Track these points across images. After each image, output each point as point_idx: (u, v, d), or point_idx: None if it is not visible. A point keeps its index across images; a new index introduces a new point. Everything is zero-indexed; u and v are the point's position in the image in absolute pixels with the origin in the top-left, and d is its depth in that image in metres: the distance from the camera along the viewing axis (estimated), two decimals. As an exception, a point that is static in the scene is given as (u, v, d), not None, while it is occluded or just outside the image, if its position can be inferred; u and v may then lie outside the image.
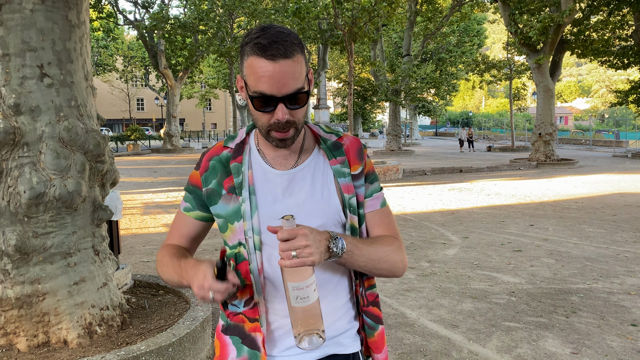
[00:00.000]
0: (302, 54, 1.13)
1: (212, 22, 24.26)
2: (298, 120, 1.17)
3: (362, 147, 1.33)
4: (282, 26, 1.15)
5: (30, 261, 2.95)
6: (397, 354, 3.55)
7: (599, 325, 4.01)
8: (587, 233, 7.42)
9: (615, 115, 50.43)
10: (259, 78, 1.10)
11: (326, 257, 1.12)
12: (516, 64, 30.34)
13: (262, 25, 1.15)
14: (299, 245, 1.06)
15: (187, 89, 45.13)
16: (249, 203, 1.22)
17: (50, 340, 3.03)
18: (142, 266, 5.93)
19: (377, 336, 1.33)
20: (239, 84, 1.20)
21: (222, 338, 1.30)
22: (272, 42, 1.09)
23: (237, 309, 1.26)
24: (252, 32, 1.13)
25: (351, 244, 1.18)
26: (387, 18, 17.51)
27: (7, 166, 2.91)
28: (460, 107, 78.62)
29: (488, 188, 12.91)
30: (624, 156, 23.69)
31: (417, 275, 5.42)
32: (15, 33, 2.89)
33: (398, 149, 26.37)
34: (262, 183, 1.25)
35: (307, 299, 1.09)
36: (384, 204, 1.33)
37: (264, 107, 1.13)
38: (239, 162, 1.26)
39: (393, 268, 1.27)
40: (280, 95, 1.11)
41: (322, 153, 1.30)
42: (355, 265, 1.21)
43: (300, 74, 1.12)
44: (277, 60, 1.08)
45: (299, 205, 1.23)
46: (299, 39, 1.14)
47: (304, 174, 1.26)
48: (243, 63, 1.14)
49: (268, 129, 1.17)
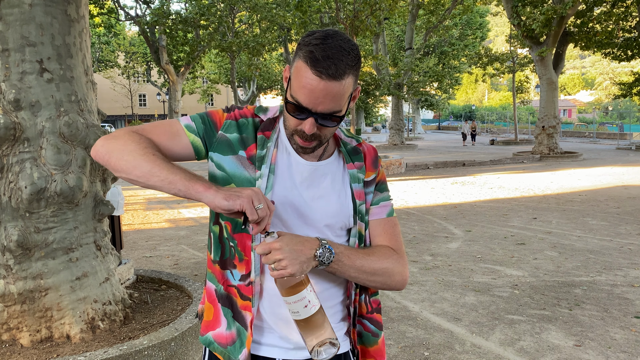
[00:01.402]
0: (353, 75, 1.10)
1: (214, 17, 24.16)
2: (324, 136, 1.17)
3: (377, 156, 1.34)
4: (347, 39, 1.10)
5: (32, 256, 2.95)
6: (399, 347, 3.55)
7: (602, 318, 4.00)
8: (590, 226, 7.40)
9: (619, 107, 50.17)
10: (301, 87, 1.08)
11: (312, 265, 1.12)
12: (519, 57, 30.17)
13: (327, 32, 1.10)
14: (273, 259, 1.07)
15: (189, 84, 45.07)
16: (265, 180, 1.19)
17: (53, 335, 3.03)
18: (145, 261, 5.94)
19: (380, 343, 1.33)
20: (285, 73, 1.18)
21: (217, 305, 1.27)
22: (327, 57, 1.05)
23: (232, 280, 1.24)
24: (315, 34, 1.10)
25: (342, 253, 1.17)
26: (389, 11, 17.41)
27: (8, 162, 2.90)
28: (463, 101, 78.39)
29: (491, 181, 12.88)
30: (627, 148, 23.58)
31: (420, 269, 5.41)
32: (14, 28, 2.88)
33: (401, 143, 26.32)
34: (284, 166, 1.23)
35: (300, 313, 1.10)
36: (390, 214, 1.32)
37: (296, 114, 1.13)
38: (267, 137, 1.23)
39: (389, 281, 1.25)
40: (314, 111, 1.10)
41: (341, 156, 1.30)
42: (346, 275, 1.20)
43: (342, 97, 1.10)
44: (324, 79, 1.06)
45: (314, 200, 1.23)
46: (357, 58, 1.10)
47: (326, 170, 1.26)
48: (295, 60, 1.12)
49: (293, 132, 1.17)
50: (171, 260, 5.96)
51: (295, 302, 1.10)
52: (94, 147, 1.16)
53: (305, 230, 1.22)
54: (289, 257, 1.08)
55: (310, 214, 1.22)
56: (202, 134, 1.23)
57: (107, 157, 1.13)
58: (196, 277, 5.19)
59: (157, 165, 1.07)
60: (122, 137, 1.14)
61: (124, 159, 1.09)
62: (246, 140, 1.23)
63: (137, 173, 1.08)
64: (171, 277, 4.20)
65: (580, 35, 20.58)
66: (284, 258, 1.07)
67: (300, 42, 1.11)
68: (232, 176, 1.21)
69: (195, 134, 1.22)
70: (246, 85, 40.54)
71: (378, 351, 1.32)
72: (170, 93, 27.31)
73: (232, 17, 27.67)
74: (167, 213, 9.23)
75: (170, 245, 6.71)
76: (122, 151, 1.10)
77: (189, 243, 6.83)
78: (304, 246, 1.11)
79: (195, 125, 1.23)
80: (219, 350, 1.25)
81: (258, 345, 1.25)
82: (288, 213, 1.21)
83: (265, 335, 1.24)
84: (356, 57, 1.10)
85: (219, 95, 58.66)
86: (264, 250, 1.08)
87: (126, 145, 1.11)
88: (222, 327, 1.25)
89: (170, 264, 5.79)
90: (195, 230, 7.66)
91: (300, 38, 1.13)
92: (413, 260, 5.76)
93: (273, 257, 1.08)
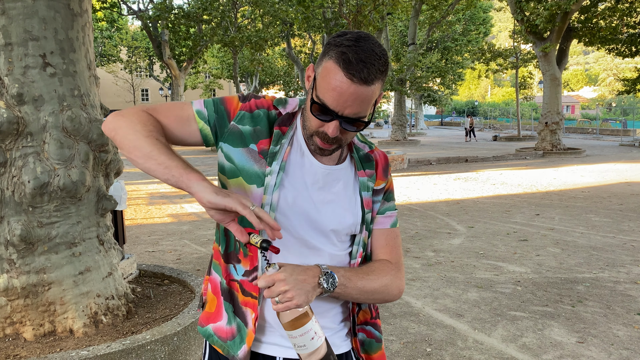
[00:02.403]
0: (381, 81, 1.08)
1: (216, 11, 24.10)
2: (345, 139, 1.15)
3: (388, 164, 1.32)
4: (378, 43, 1.08)
5: (35, 251, 2.95)
6: (402, 343, 3.55)
7: (605, 315, 3.99)
8: (593, 222, 7.38)
9: (622, 103, 50.00)
10: (330, 89, 1.06)
11: (317, 293, 1.10)
12: (522, 53, 30.06)
13: (359, 34, 1.08)
14: (278, 291, 1.04)
15: (192, 79, 45.03)
16: (275, 177, 1.16)
17: (56, 329, 3.04)
18: (148, 256, 5.95)
19: (382, 348, 1.33)
20: (308, 72, 1.15)
21: (220, 298, 1.26)
22: (360, 60, 1.03)
23: (235, 274, 1.23)
24: (347, 36, 1.07)
25: (344, 277, 1.15)
26: (392, 6, 17.35)
27: (11, 156, 2.90)
28: (466, 97, 78.17)
29: (494, 177, 12.85)
30: (631, 145, 23.51)
31: (422, 265, 5.41)
32: (17, 22, 2.87)
33: (403, 139, 26.27)
34: (297, 165, 1.20)
35: (307, 346, 1.06)
36: (394, 225, 1.31)
37: (320, 115, 1.10)
38: (283, 133, 1.20)
39: (387, 297, 1.25)
40: (341, 114, 1.08)
41: (353, 162, 1.28)
42: (349, 297, 1.19)
43: (369, 102, 1.08)
44: (355, 82, 1.04)
45: (324, 204, 1.21)
46: (387, 63, 1.08)
47: (339, 176, 1.24)
48: (323, 59, 1.09)
49: (314, 133, 1.15)
50: (174, 255, 5.97)
51: (301, 336, 1.06)
52: (106, 120, 1.16)
53: (311, 232, 1.20)
54: (294, 287, 1.05)
55: (318, 217, 1.20)
56: (212, 122, 1.20)
57: (114, 132, 1.12)
58: (199, 272, 5.20)
59: (158, 148, 1.06)
60: (132, 116, 1.13)
61: (127, 137, 1.09)
62: (259, 133, 1.19)
63: (137, 153, 1.07)
64: (174, 272, 4.20)
65: (584, 31, 20.48)
66: (290, 289, 1.04)
67: (331, 41, 1.08)
68: (240, 169, 1.18)
69: (206, 121, 1.20)
70: (249, 80, 40.49)
71: (382, 357, 1.32)
72: (173, 88, 27.28)
73: (235, 12, 27.60)
74: (170, 208, 9.24)
75: (173, 240, 6.73)
76: (128, 129, 1.10)
77: (192, 238, 6.84)
78: (307, 275, 1.09)
79: (207, 112, 1.20)
80: (219, 344, 1.24)
81: (258, 343, 1.23)
82: (295, 214, 1.19)
83: (267, 333, 1.23)
84: (386, 63, 1.08)
85: (221, 90, 58.58)
86: (267, 282, 1.05)
87: (133, 124, 1.10)
88: (223, 321, 1.24)
89: (172, 259, 5.80)
90: (197, 225, 7.67)
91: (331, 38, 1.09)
92: (415, 256, 5.76)
93: (277, 289, 1.04)
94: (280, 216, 1.18)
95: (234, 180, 1.19)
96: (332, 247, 1.23)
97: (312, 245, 1.20)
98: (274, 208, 1.17)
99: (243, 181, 1.18)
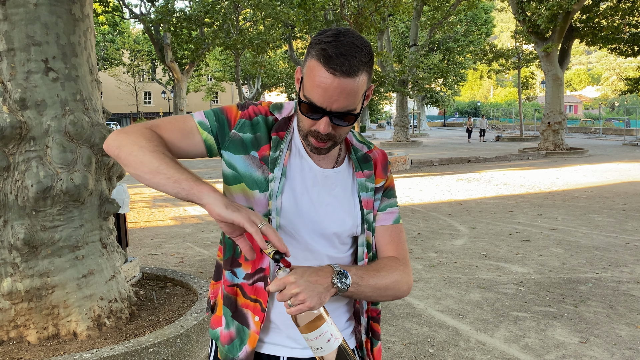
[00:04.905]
0: (367, 73, 1.08)
1: (218, 14, 24.18)
2: (339, 135, 1.15)
3: (388, 162, 1.32)
4: (359, 36, 1.08)
5: (39, 254, 2.97)
6: (404, 344, 3.55)
7: (607, 315, 3.99)
8: (596, 222, 7.37)
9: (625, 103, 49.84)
10: (315, 86, 1.06)
11: (331, 293, 1.08)
12: (524, 53, 30.03)
13: (339, 29, 1.09)
14: (290, 294, 1.03)
15: (194, 82, 45.15)
16: (278, 183, 1.18)
17: (60, 332, 3.06)
18: (150, 259, 5.97)
19: (376, 352, 1.34)
20: (297, 75, 1.17)
21: (221, 303, 1.29)
22: (340, 54, 1.04)
23: (235, 278, 1.24)
24: (327, 33, 1.08)
25: (356, 275, 1.14)
26: (394, 7, 17.38)
27: (15, 160, 2.93)
28: (468, 97, 78.12)
29: (496, 178, 12.84)
30: (634, 144, 23.43)
31: (425, 266, 5.41)
32: (19, 27, 2.89)
33: (406, 140, 26.26)
34: (297, 169, 1.22)
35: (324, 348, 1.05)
36: (397, 221, 1.31)
37: (310, 114, 1.11)
38: (281, 138, 1.21)
39: (398, 293, 1.25)
40: (329, 110, 1.08)
41: (351, 163, 1.28)
42: (362, 296, 1.19)
43: (356, 94, 1.08)
44: (338, 76, 1.04)
45: (323, 206, 1.22)
46: (370, 55, 1.08)
47: (337, 178, 1.25)
48: (306, 60, 1.10)
49: (307, 133, 1.16)
50: (177, 258, 5.99)
51: (317, 338, 1.04)
52: (107, 140, 1.16)
53: (313, 236, 1.21)
54: (306, 289, 1.03)
55: (319, 220, 1.21)
56: (215, 131, 1.21)
57: (118, 151, 1.12)
58: (201, 274, 5.22)
59: (166, 163, 1.05)
60: (135, 133, 1.13)
61: (133, 154, 1.08)
62: (260, 140, 1.21)
63: (144, 169, 1.06)
64: (177, 275, 4.22)
65: (586, 31, 20.44)
66: (302, 291, 1.03)
67: (312, 41, 1.10)
68: (242, 175, 1.20)
69: (209, 131, 1.21)
70: (251, 82, 40.57)
71: (379, 352, 1.35)
72: (175, 91, 27.36)
73: (237, 15, 27.68)
74: (173, 211, 9.26)
75: (176, 243, 6.74)
76: (133, 146, 1.09)
77: (195, 240, 6.86)
78: (319, 276, 1.07)
79: (208, 123, 1.21)
80: (220, 348, 1.27)
81: (261, 343, 1.24)
82: (297, 217, 1.20)
83: (271, 334, 1.24)
84: (369, 54, 1.08)
85: (223, 93, 58.71)
86: (279, 286, 1.03)
87: (137, 141, 1.10)
88: (222, 326, 1.27)
89: (175, 262, 5.82)
90: (200, 228, 7.69)
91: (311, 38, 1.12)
92: (418, 257, 5.76)
93: (289, 291, 1.03)
94: (284, 221, 1.19)
95: (236, 187, 1.21)
96: (334, 250, 1.24)
97: (314, 248, 1.22)
98: (279, 213, 1.18)
99: (245, 187, 1.19)
